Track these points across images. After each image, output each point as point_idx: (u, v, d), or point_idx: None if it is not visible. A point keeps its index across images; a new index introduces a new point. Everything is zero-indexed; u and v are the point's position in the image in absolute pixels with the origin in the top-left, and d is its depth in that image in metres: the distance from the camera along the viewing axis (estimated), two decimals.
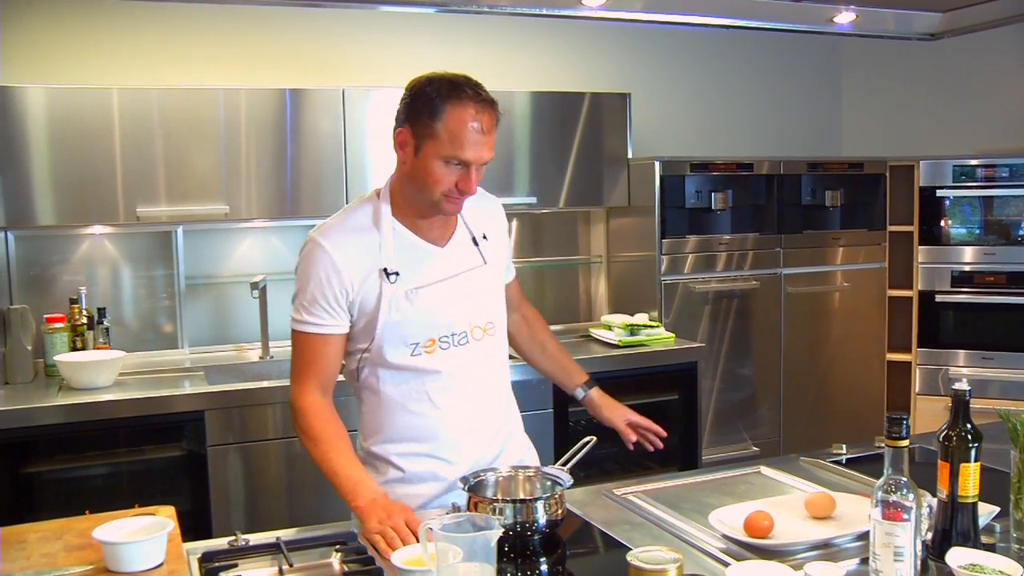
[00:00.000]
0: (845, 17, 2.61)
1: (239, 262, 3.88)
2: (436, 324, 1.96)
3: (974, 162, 4.38)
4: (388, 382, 1.98)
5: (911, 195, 4.51)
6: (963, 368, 4.45)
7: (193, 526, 3.12)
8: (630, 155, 4.25)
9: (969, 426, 1.59)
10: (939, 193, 4.46)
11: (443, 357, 1.97)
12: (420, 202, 1.93)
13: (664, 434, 2.28)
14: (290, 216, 3.75)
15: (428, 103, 1.86)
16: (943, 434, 1.60)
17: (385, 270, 1.92)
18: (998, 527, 1.72)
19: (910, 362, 4.56)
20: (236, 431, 3.20)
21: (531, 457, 2.19)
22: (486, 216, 2.11)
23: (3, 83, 3.33)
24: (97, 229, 3.64)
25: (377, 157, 3.74)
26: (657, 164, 4.07)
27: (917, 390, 4.54)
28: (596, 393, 2.31)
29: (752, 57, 4.89)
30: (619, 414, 2.28)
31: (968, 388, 1.61)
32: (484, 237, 2.07)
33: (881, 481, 1.44)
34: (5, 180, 3.30)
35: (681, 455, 3.90)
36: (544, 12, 3.63)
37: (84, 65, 3.68)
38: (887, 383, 4.66)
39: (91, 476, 3.12)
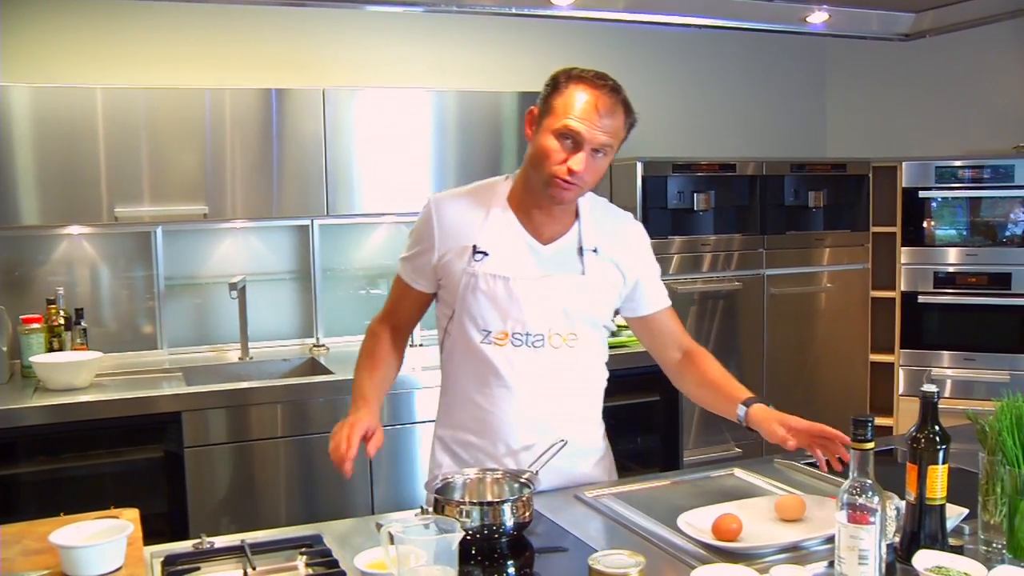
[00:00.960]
0: (818, 17, 2.60)
1: (219, 263, 3.86)
2: (510, 317, 1.94)
3: (957, 163, 4.38)
4: (460, 365, 2.02)
5: (894, 196, 4.51)
6: (947, 369, 4.45)
7: (171, 528, 3.11)
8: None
9: (937, 428, 1.58)
10: (922, 194, 4.46)
11: (513, 353, 1.95)
12: (536, 184, 1.91)
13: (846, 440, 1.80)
14: (271, 216, 3.73)
15: (555, 81, 1.90)
16: (911, 436, 1.59)
17: (475, 247, 1.94)
18: (967, 529, 1.71)
19: (893, 363, 4.57)
20: (214, 432, 3.17)
21: (600, 477, 2.14)
22: (609, 232, 2.04)
23: None
24: (76, 229, 3.62)
25: (359, 157, 3.72)
26: (639, 164, 4.06)
27: (900, 391, 4.55)
28: (756, 410, 1.99)
29: (736, 57, 4.88)
30: (775, 427, 1.94)
31: (936, 390, 1.60)
32: (595, 251, 2.00)
33: (846, 484, 1.43)
34: None
35: (662, 457, 3.89)
36: (526, 12, 3.62)
37: (65, 64, 3.65)
38: (870, 384, 4.66)
39: (67, 478, 3.09)
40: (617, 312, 2.13)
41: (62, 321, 3.44)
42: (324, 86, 3.71)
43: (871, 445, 1.43)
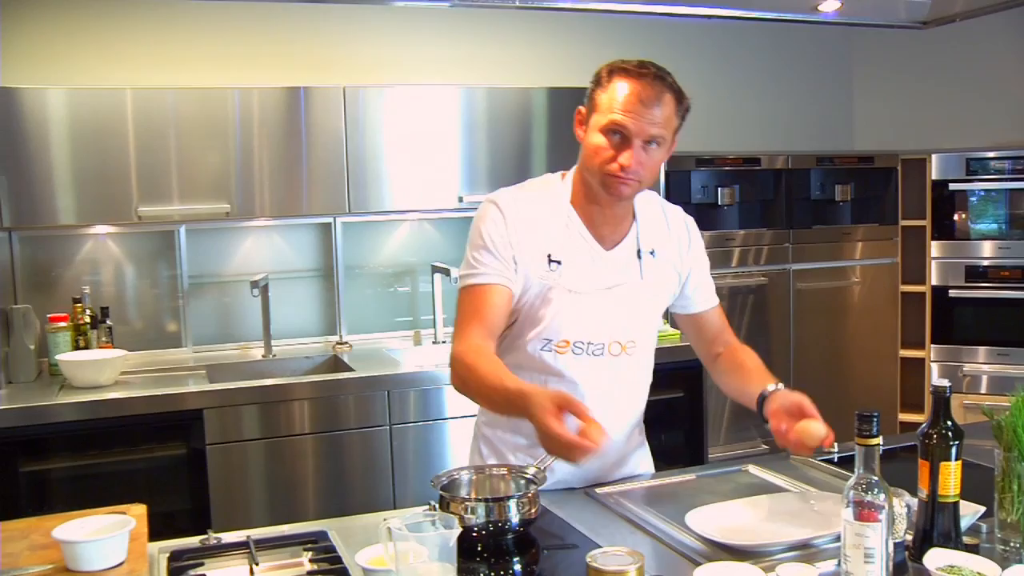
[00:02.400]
0: (830, 5, 2.54)
1: (242, 261, 3.89)
2: (576, 328, 1.91)
3: (989, 154, 4.30)
4: (514, 369, 1.90)
5: (924, 189, 4.44)
6: (982, 364, 4.37)
7: (194, 524, 3.13)
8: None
9: (950, 423, 1.55)
10: (952, 186, 4.38)
11: (573, 361, 1.93)
12: (592, 184, 1.88)
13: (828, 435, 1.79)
14: (294, 214, 3.76)
15: (599, 77, 1.86)
16: (923, 432, 1.56)
17: (550, 256, 1.89)
18: (984, 527, 1.67)
19: (924, 358, 4.49)
20: (236, 429, 3.20)
21: (639, 470, 2.12)
22: (663, 231, 2.02)
23: (9, 84, 3.36)
24: (101, 229, 3.66)
25: (381, 154, 3.73)
26: None
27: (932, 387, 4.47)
28: (771, 399, 1.90)
29: (760, 49, 4.83)
30: (780, 416, 1.85)
31: (948, 385, 1.57)
32: (651, 253, 1.98)
33: (852, 481, 1.40)
34: (10, 181, 3.33)
35: (687, 454, 3.86)
36: (547, 5, 3.61)
37: (96, 66, 3.70)
38: (900, 380, 4.59)
39: (93, 474, 3.12)
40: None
41: (88, 320, 3.48)
42: (345, 84, 3.72)
43: (876, 441, 1.40)
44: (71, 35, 3.68)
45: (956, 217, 4.41)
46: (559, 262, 1.89)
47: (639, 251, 1.97)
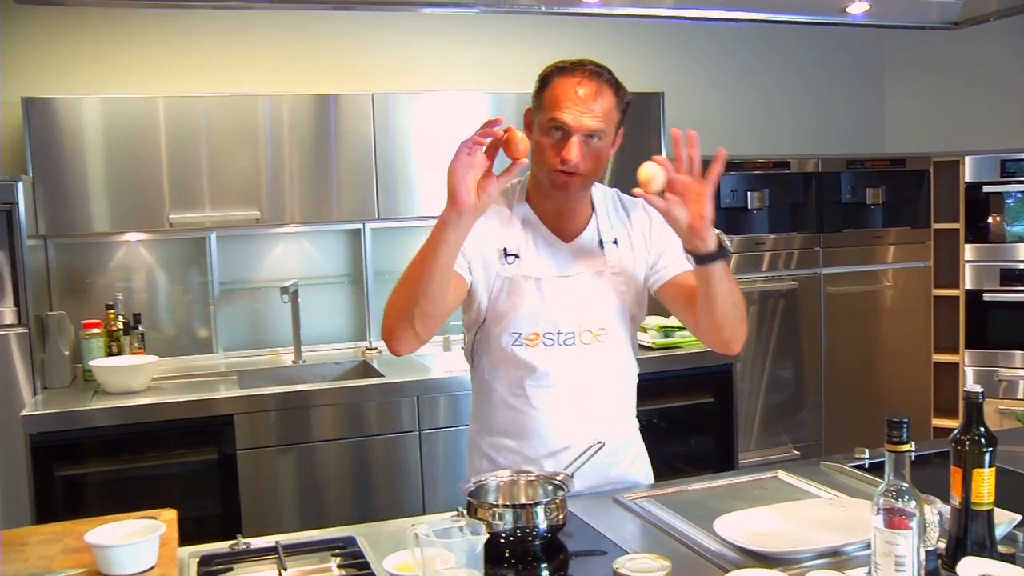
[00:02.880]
0: (858, 7, 2.51)
1: (272, 267, 3.92)
2: (542, 318, 1.94)
3: (1023, 156, 4.24)
4: (492, 370, 2.00)
5: (956, 191, 4.39)
6: (1019, 369, 4.31)
7: (224, 529, 3.15)
8: (664, 155, 4.20)
9: (983, 430, 1.52)
10: (986, 189, 4.33)
11: (545, 354, 1.95)
12: (541, 181, 1.94)
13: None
14: (324, 220, 3.78)
15: (542, 79, 1.91)
16: (955, 439, 1.54)
17: (505, 250, 1.94)
18: (1021, 536, 1.64)
19: (957, 363, 4.44)
20: (266, 434, 3.22)
21: (639, 476, 2.10)
22: (624, 221, 2.05)
23: (42, 95, 3.41)
24: (133, 236, 3.71)
25: (410, 160, 3.75)
26: None
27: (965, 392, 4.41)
28: None
29: (790, 52, 4.80)
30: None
31: (981, 390, 1.54)
32: (614, 242, 2.01)
33: (882, 488, 1.39)
34: (46, 190, 3.38)
35: (717, 459, 3.83)
36: (573, 10, 3.60)
37: (120, 75, 3.75)
38: (934, 385, 4.54)
39: (125, 479, 3.16)
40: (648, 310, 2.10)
41: (121, 326, 3.53)
42: (374, 91, 3.74)
43: (907, 447, 1.38)
44: (104, 45, 3.73)
45: (990, 220, 4.35)
46: (516, 255, 1.95)
47: (601, 241, 2.00)
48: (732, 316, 1.88)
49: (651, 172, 1.74)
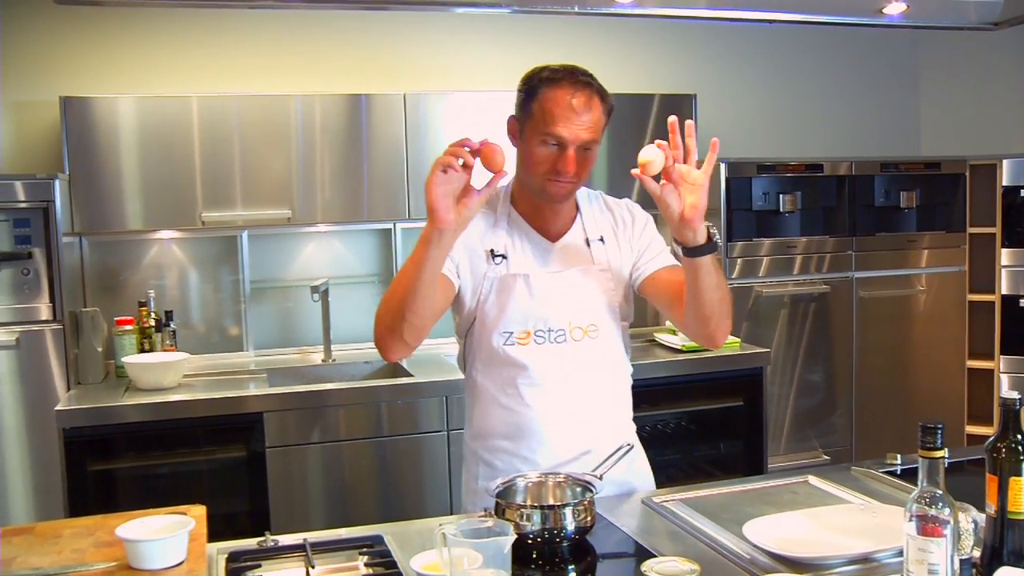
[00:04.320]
0: (895, 8, 2.47)
1: (303, 266, 3.94)
2: (532, 316, 1.96)
3: None
4: (484, 372, 2.01)
5: (993, 195, 4.32)
6: None
7: (253, 526, 3.18)
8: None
9: (1020, 437, 1.50)
10: None
11: (537, 352, 1.97)
12: (530, 189, 1.97)
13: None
14: (355, 220, 3.80)
15: (529, 86, 1.93)
16: (991, 446, 1.52)
17: (491, 251, 1.97)
18: None
19: (992, 369, 4.37)
20: (295, 433, 3.24)
21: (636, 479, 2.10)
22: (608, 220, 2.08)
23: (79, 94, 3.46)
24: (166, 234, 3.74)
25: None
26: (723, 166, 3.98)
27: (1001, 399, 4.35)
28: None
29: (824, 54, 4.75)
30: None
31: (1018, 396, 1.52)
32: (601, 240, 2.04)
33: (915, 494, 1.37)
34: (81, 188, 3.43)
35: (746, 463, 3.81)
36: (605, 11, 3.58)
37: (154, 74, 3.78)
38: (968, 391, 4.48)
39: (156, 474, 3.19)
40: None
41: (153, 323, 3.56)
42: (405, 91, 3.76)
43: (941, 453, 1.36)
44: (140, 45, 3.77)
45: None
46: (504, 256, 1.98)
47: (587, 239, 2.03)
48: (719, 309, 1.88)
49: (650, 156, 1.74)
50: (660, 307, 2.11)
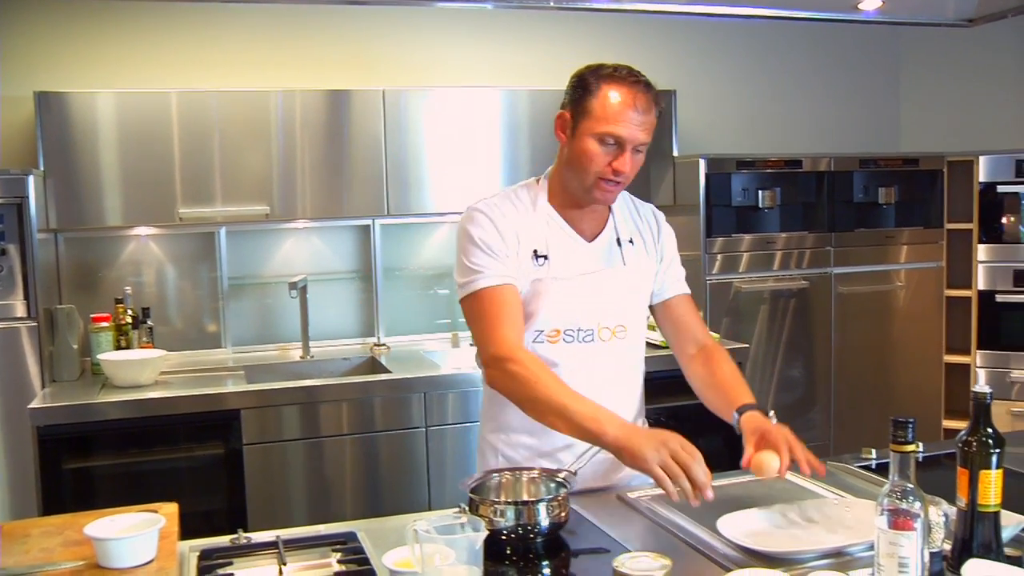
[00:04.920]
0: (871, 3, 2.47)
1: (282, 263, 3.93)
2: (564, 316, 1.97)
3: None
4: None
5: (970, 191, 4.35)
6: None
7: (230, 523, 3.16)
8: (676, 153, 4.19)
9: (990, 431, 1.50)
10: (1001, 189, 4.29)
11: (565, 350, 1.97)
12: (576, 188, 1.95)
13: (820, 469, 1.83)
14: (334, 216, 3.78)
15: (585, 83, 1.90)
16: (962, 440, 1.52)
17: (535, 252, 1.95)
18: None
19: (969, 364, 4.40)
20: (273, 430, 3.22)
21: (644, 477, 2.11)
22: (637, 222, 2.10)
23: (55, 89, 3.42)
24: (143, 230, 3.71)
25: (420, 157, 3.75)
26: (702, 162, 3.99)
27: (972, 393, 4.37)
28: (746, 418, 1.95)
29: (804, 50, 4.76)
30: (750, 435, 1.90)
31: (989, 391, 1.53)
32: (630, 241, 2.06)
33: (886, 488, 1.37)
34: (57, 184, 3.40)
35: (727, 458, 3.80)
36: (581, 6, 3.59)
37: (132, 69, 3.75)
38: (945, 386, 4.50)
39: (133, 473, 3.17)
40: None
41: (129, 320, 3.54)
42: (385, 87, 3.74)
43: (912, 447, 1.37)
44: (117, 40, 3.74)
45: (1004, 220, 4.31)
46: (546, 256, 1.96)
47: (618, 240, 2.04)
48: None
49: (770, 467, 1.80)
50: (664, 334, 2.18)
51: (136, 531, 1.44)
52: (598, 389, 1.96)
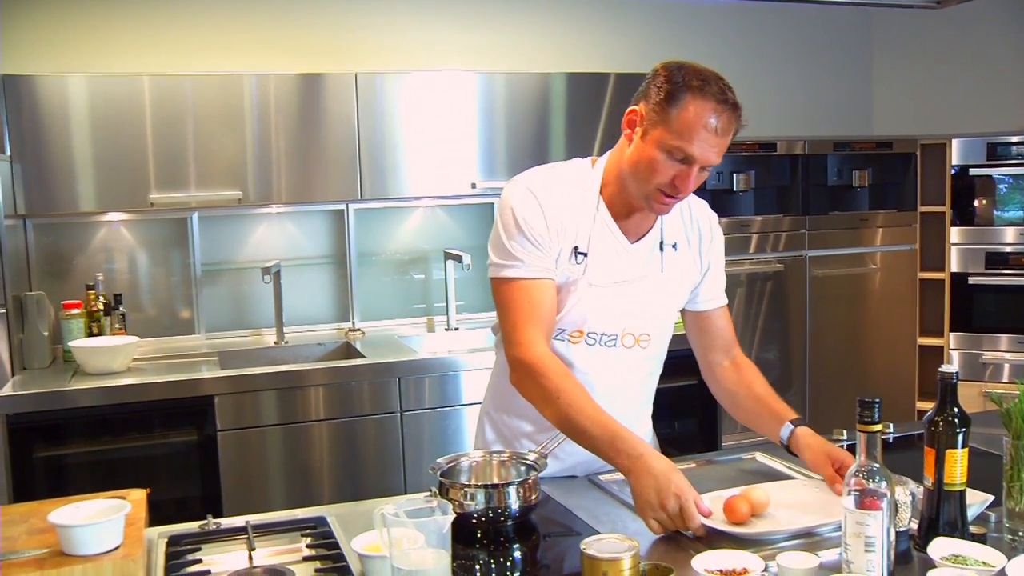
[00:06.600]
0: None
1: (255, 248, 3.89)
2: (590, 319, 1.90)
3: (1012, 139, 4.23)
4: None
5: (943, 174, 4.38)
6: (1004, 352, 4.32)
7: (204, 510, 3.13)
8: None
9: (956, 411, 1.52)
10: (973, 172, 4.32)
11: (585, 352, 1.92)
12: (632, 190, 1.83)
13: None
14: (307, 201, 3.76)
15: (670, 87, 1.74)
16: (929, 419, 1.53)
17: (576, 248, 1.87)
18: (993, 516, 1.64)
19: (942, 346, 4.44)
20: (248, 415, 3.21)
21: None
22: (687, 226, 1.99)
23: (23, 72, 3.37)
24: (114, 216, 3.67)
25: (393, 141, 3.73)
26: None
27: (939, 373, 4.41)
28: (802, 432, 1.91)
29: (777, 33, 4.77)
30: (823, 460, 1.83)
31: (955, 371, 1.54)
32: (673, 246, 1.95)
33: (853, 468, 1.38)
34: (26, 169, 3.35)
35: (701, 441, 3.83)
36: None
37: (104, 52, 3.70)
38: (919, 368, 4.54)
39: (106, 460, 3.14)
40: None
41: (101, 306, 3.50)
42: (358, 70, 3.71)
43: (878, 428, 1.38)
44: (88, 22, 3.68)
45: (977, 203, 4.34)
46: (585, 254, 1.87)
47: (661, 243, 1.94)
48: None
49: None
50: (692, 340, 2.10)
51: (101, 518, 1.43)
52: (610, 393, 1.92)
